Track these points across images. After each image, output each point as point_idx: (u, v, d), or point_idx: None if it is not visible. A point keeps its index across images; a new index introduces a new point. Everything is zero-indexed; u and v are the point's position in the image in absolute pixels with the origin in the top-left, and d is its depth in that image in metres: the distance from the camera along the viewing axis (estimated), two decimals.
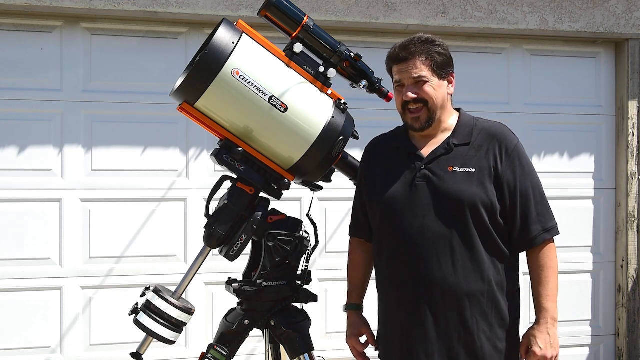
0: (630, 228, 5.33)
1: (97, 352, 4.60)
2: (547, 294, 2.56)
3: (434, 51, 2.55)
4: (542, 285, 2.56)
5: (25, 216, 4.50)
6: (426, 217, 2.51)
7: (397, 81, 2.58)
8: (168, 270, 4.62)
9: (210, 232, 2.57)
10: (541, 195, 2.58)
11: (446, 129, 2.62)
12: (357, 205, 2.78)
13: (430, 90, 2.54)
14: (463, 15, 5.01)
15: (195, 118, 2.58)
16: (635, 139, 5.34)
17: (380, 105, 3.25)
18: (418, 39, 2.57)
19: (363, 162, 2.75)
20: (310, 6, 4.68)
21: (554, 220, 2.58)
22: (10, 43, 4.52)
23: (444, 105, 2.59)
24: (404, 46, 2.56)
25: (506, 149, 2.55)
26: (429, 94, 2.54)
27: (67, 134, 4.57)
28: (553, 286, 2.57)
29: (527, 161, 2.58)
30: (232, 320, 2.63)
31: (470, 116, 2.67)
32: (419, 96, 2.54)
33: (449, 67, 2.60)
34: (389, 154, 2.67)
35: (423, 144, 2.62)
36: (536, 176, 2.59)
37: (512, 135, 2.61)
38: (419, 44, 2.55)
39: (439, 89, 2.56)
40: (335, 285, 4.82)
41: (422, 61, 2.53)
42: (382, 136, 2.78)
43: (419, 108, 2.55)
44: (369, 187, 2.67)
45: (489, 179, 2.52)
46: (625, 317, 5.38)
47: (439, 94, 2.56)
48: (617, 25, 5.27)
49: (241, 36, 2.53)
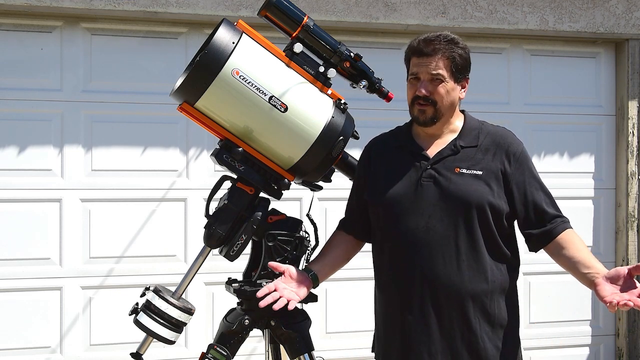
0: (630, 228, 5.33)
1: (97, 352, 4.60)
2: (591, 256, 2.49)
3: (457, 53, 2.53)
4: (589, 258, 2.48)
5: (25, 216, 4.51)
6: (432, 216, 2.50)
7: (414, 74, 2.55)
8: (168, 270, 4.62)
9: (210, 232, 2.57)
10: (551, 198, 2.60)
11: (452, 131, 2.61)
12: (354, 204, 2.75)
13: (443, 91, 2.53)
14: (463, 15, 5.01)
15: (195, 118, 2.58)
16: (635, 139, 5.35)
17: (380, 105, 3.25)
18: (444, 37, 2.54)
19: (362, 161, 2.73)
20: (310, 6, 4.69)
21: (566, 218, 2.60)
22: (10, 43, 4.52)
23: (453, 107, 2.58)
24: (429, 41, 2.54)
25: (514, 154, 2.56)
26: (441, 95, 2.53)
27: (67, 134, 4.57)
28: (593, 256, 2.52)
29: (533, 165, 2.61)
30: (232, 320, 2.63)
31: (475, 119, 2.67)
32: (431, 95, 2.53)
33: (466, 71, 2.58)
34: (391, 153, 2.66)
35: (428, 144, 2.61)
36: (541, 180, 2.62)
37: (518, 140, 2.63)
38: (444, 42, 2.53)
39: (452, 91, 2.55)
40: (335, 285, 4.83)
41: (443, 60, 2.52)
42: (382, 136, 2.76)
43: (428, 104, 2.54)
44: (371, 187, 2.65)
45: (496, 182, 2.52)
46: (625, 317, 5.38)
47: (451, 96, 2.55)
48: (617, 25, 5.27)
49: (241, 36, 2.53)
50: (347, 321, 4.92)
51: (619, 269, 2.38)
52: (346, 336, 4.92)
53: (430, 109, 2.54)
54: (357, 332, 4.84)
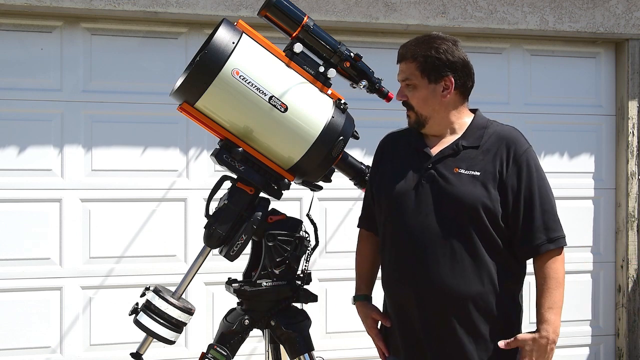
0: (630, 228, 5.33)
1: (97, 352, 4.60)
2: (549, 306, 2.51)
3: (426, 53, 2.51)
4: (544, 296, 2.52)
5: (25, 216, 4.50)
6: (429, 216, 2.50)
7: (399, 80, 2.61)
8: (168, 270, 4.62)
9: (210, 232, 2.57)
10: (550, 205, 2.50)
11: (456, 130, 2.59)
12: (369, 198, 2.75)
13: (416, 94, 2.54)
14: (463, 15, 5.01)
15: (195, 118, 2.58)
16: (635, 139, 5.35)
17: (380, 105, 3.25)
18: (416, 40, 2.56)
19: (376, 156, 2.75)
20: (310, 6, 4.69)
21: (560, 231, 2.50)
22: (10, 43, 4.52)
23: (443, 108, 2.55)
24: (402, 46, 2.58)
25: (514, 154, 2.50)
26: (415, 98, 2.55)
27: (67, 134, 4.57)
28: (557, 299, 2.51)
29: (536, 168, 2.51)
30: (232, 320, 2.63)
31: (485, 118, 2.62)
32: (406, 99, 2.57)
33: (443, 69, 2.52)
34: (400, 150, 2.67)
35: (434, 143, 2.60)
36: (546, 185, 2.52)
37: (524, 140, 2.56)
38: (413, 46, 2.54)
39: (429, 93, 2.53)
40: (335, 285, 4.83)
41: (410, 64, 2.54)
42: (396, 132, 2.77)
43: (409, 109, 2.58)
44: (379, 182, 2.66)
45: (492, 183, 2.48)
46: (625, 317, 5.38)
47: (429, 98, 2.53)
48: (617, 25, 5.27)
49: (241, 36, 2.53)
50: (347, 321, 4.91)
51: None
52: (346, 336, 4.92)
53: (412, 114, 2.58)
54: (357, 332, 4.80)
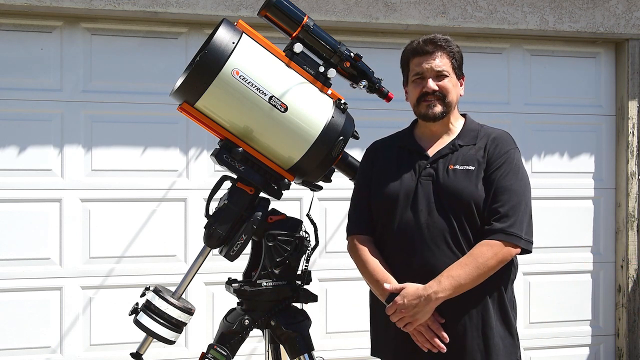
0: (630, 228, 5.33)
1: (97, 352, 4.60)
2: (450, 274, 2.44)
3: (455, 50, 2.65)
4: (454, 266, 2.46)
5: (25, 216, 4.50)
6: (431, 213, 2.54)
7: (418, 73, 2.62)
8: (168, 270, 4.62)
9: (210, 232, 2.57)
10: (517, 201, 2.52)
11: (451, 132, 2.68)
12: (363, 203, 2.70)
13: (449, 85, 2.62)
14: (463, 15, 5.01)
15: (195, 118, 2.58)
16: (635, 139, 5.35)
17: (380, 105, 3.25)
18: (440, 37, 2.65)
19: (365, 163, 2.75)
20: (310, 6, 4.69)
21: (522, 232, 2.50)
22: (10, 43, 4.52)
23: (455, 105, 2.67)
24: (430, 40, 2.63)
25: (499, 151, 2.58)
26: (448, 89, 2.61)
27: (67, 134, 4.57)
28: (463, 275, 2.44)
29: (517, 169, 2.57)
30: (232, 320, 2.63)
31: (476, 122, 2.73)
32: (440, 88, 2.60)
33: (462, 69, 2.69)
34: (394, 153, 2.69)
35: (429, 145, 2.66)
36: (523, 188, 2.56)
37: (511, 141, 2.65)
38: (443, 41, 2.63)
39: (455, 86, 2.65)
40: (335, 285, 4.83)
41: (446, 57, 2.62)
42: (382, 139, 2.81)
43: (436, 98, 2.61)
44: (376, 186, 2.67)
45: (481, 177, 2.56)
46: (625, 317, 5.38)
47: (455, 91, 2.65)
48: (617, 25, 5.27)
49: (241, 36, 2.54)
50: (347, 321, 4.92)
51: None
52: (346, 336, 4.92)
53: (439, 103, 2.61)
54: (357, 332, 4.83)
